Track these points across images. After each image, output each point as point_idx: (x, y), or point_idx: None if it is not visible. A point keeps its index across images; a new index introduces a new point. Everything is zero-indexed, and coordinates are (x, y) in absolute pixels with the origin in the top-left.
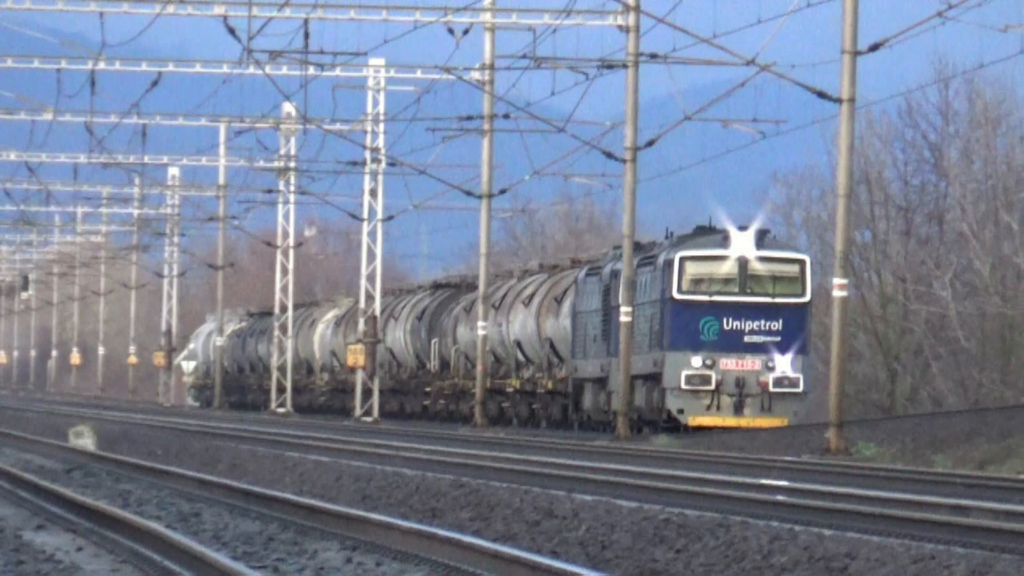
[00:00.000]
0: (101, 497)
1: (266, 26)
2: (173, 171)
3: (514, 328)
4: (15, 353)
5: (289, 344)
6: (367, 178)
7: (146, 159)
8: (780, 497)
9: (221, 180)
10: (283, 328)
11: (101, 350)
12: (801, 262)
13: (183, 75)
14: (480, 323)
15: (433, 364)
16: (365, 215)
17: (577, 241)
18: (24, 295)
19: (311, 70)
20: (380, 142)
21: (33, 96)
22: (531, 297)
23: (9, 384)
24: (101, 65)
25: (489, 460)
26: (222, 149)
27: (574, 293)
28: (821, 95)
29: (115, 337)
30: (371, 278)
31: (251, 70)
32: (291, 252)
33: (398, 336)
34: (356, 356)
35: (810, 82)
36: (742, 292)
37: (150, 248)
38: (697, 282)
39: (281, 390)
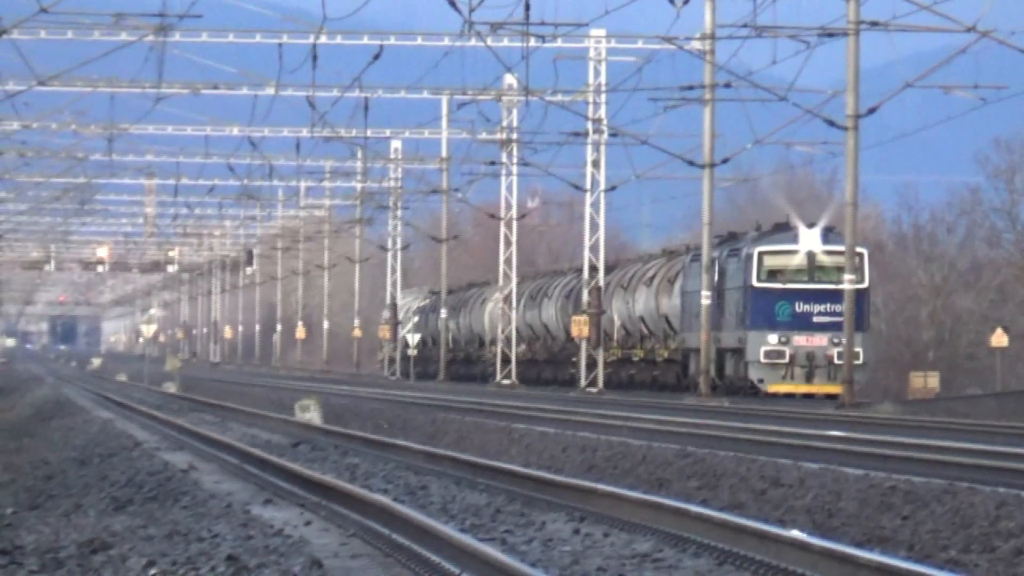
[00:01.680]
0: (328, 471)
1: None
2: (395, 144)
3: (638, 306)
4: (240, 328)
5: (514, 316)
6: (589, 149)
7: (368, 132)
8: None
9: (443, 152)
10: (508, 299)
11: (326, 324)
12: (860, 254)
13: (404, 48)
14: (703, 292)
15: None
16: (588, 186)
17: (799, 209)
18: (249, 270)
19: (532, 41)
20: (602, 112)
21: (255, 71)
22: (652, 279)
23: (235, 359)
24: (323, 39)
25: (714, 429)
26: (444, 121)
27: (683, 276)
28: None
29: (339, 311)
30: (594, 249)
31: (472, 42)
32: (514, 224)
33: (551, 313)
34: (580, 327)
35: None
36: (811, 280)
37: (373, 221)
38: (773, 272)
39: (506, 361)
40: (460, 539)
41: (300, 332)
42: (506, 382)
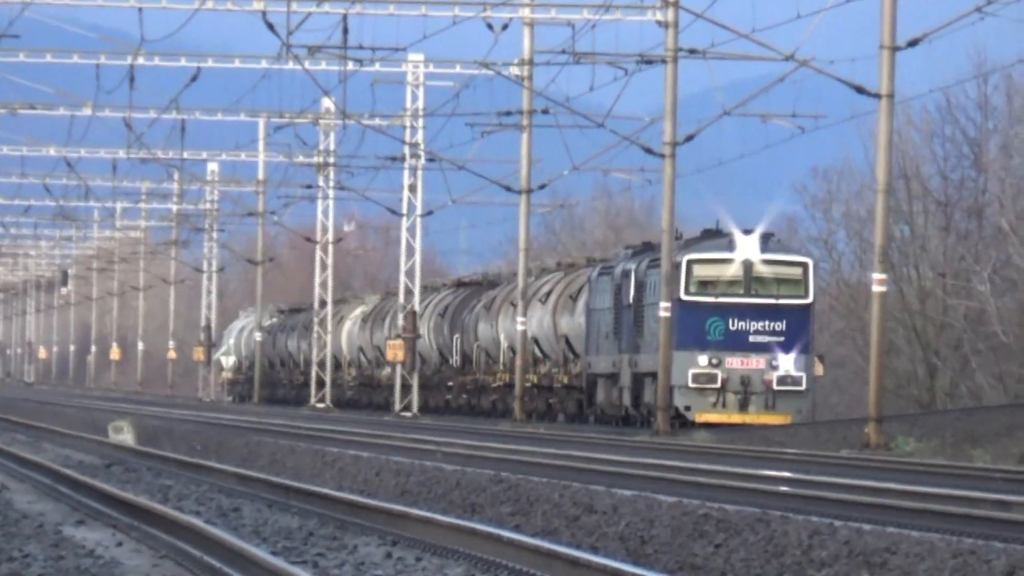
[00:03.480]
0: (141, 492)
1: (305, 21)
2: (212, 166)
3: (531, 325)
4: (54, 348)
5: (328, 340)
6: (406, 173)
7: (185, 154)
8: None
9: (260, 175)
10: (322, 323)
11: (140, 345)
12: (804, 264)
13: (222, 70)
14: (519, 319)
15: (455, 360)
16: (404, 210)
17: (616, 236)
18: (63, 290)
19: (350, 65)
20: (419, 137)
21: (72, 91)
22: (548, 295)
23: (49, 379)
24: (140, 60)
25: (528, 455)
26: (261, 144)
27: (588, 292)
28: (860, 90)
29: (154, 333)
30: (410, 273)
31: (290, 65)
32: (330, 247)
33: (422, 333)
34: (395, 351)
35: (849, 77)
36: (747, 293)
37: (189, 243)
38: (704, 284)
39: (320, 385)
40: (272, 562)
41: (115, 353)
42: (320, 405)
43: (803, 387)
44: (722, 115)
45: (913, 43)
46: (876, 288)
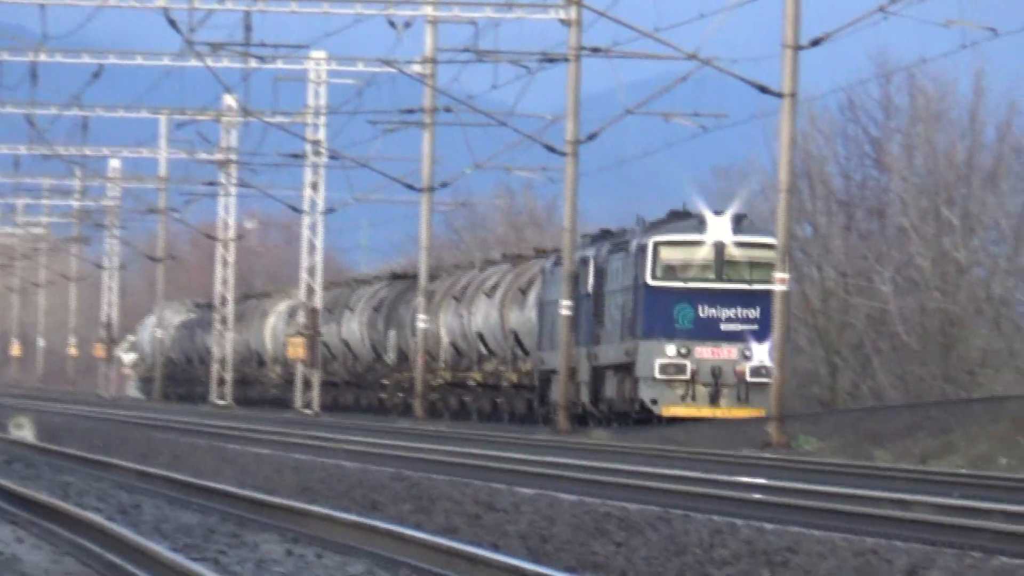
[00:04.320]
0: (41, 488)
1: (207, 19)
2: (114, 163)
3: (476, 320)
4: None
5: (229, 336)
6: (308, 171)
7: (87, 151)
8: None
9: (162, 172)
10: (223, 320)
11: (41, 342)
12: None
13: (124, 67)
14: (421, 316)
15: (390, 356)
16: (306, 208)
17: (518, 234)
18: None
19: (252, 63)
20: (321, 135)
21: None
22: (494, 288)
23: None
24: (42, 57)
25: (429, 453)
26: (163, 141)
27: (540, 283)
28: (763, 90)
29: (55, 329)
30: (311, 271)
31: (192, 62)
32: (231, 245)
33: (353, 328)
34: (296, 349)
35: (752, 76)
36: (718, 278)
37: (91, 240)
38: (672, 268)
39: (222, 382)
40: (172, 558)
41: (15, 349)
42: (221, 402)
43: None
44: (624, 114)
45: (816, 42)
46: (778, 288)
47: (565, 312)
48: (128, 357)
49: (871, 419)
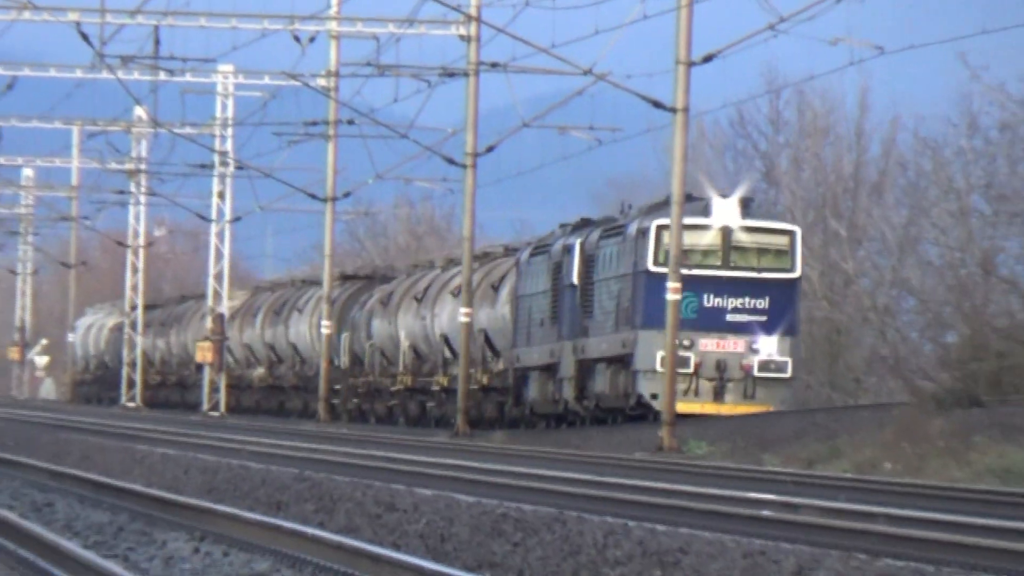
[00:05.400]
0: None
1: (118, 32)
2: (27, 172)
3: (441, 321)
4: None
5: (139, 340)
6: (215, 180)
7: (1, 160)
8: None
9: (74, 181)
10: (133, 325)
11: None
12: (791, 233)
13: (38, 79)
14: (324, 323)
15: (343, 360)
16: (213, 216)
17: (418, 243)
18: None
19: (161, 75)
20: (228, 146)
21: None
22: (461, 287)
23: None
24: None
25: (332, 455)
26: (75, 151)
27: (515, 277)
28: (656, 104)
29: None
30: (218, 277)
31: (104, 75)
32: (141, 252)
33: (302, 330)
34: (204, 353)
35: (645, 91)
36: (724, 266)
37: (4, 246)
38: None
39: (132, 384)
40: (84, 556)
41: None
42: (131, 404)
43: (788, 373)
44: (521, 127)
45: (707, 59)
46: (671, 296)
47: (464, 319)
48: (41, 360)
49: (760, 425)
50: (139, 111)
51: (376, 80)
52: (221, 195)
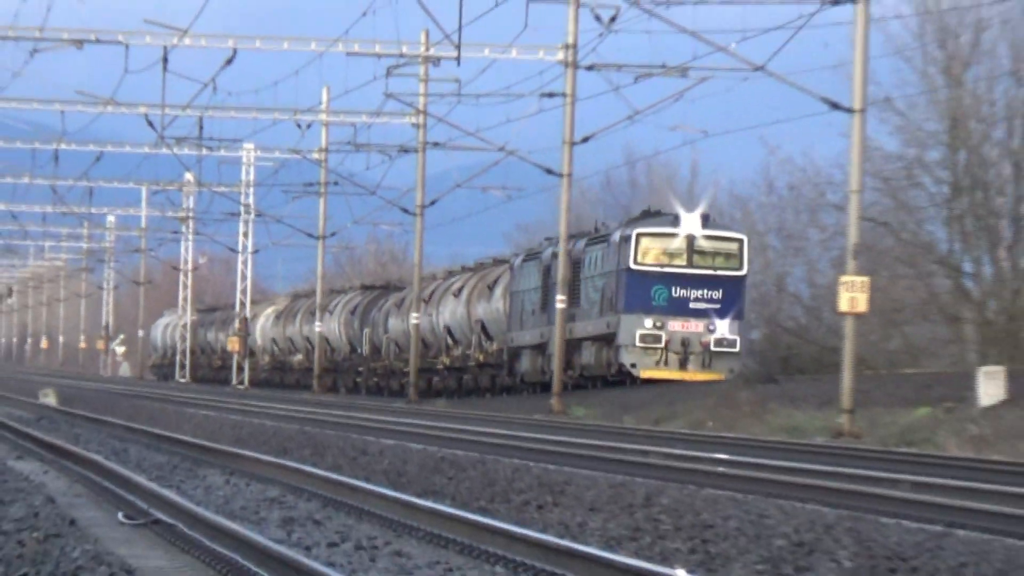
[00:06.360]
0: (60, 437)
1: (173, 121)
2: (111, 218)
3: (444, 316)
4: (2, 341)
5: (188, 336)
6: (241, 224)
7: (92, 210)
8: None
9: (143, 224)
10: (184, 326)
11: (61, 339)
12: (740, 240)
13: (118, 153)
14: (317, 323)
15: (364, 349)
16: (240, 249)
17: (383, 269)
18: (8, 301)
19: (204, 151)
20: (250, 200)
21: (10, 168)
22: (460, 289)
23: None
24: (63, 145)
25: (323, 416)
26: (144, 203)
27: (509, 277)
28: (549, 171)
29: (71, 330)
30: (243, 293)
31: (163, 150)
32: (190, 274)
33: (333, 327)
34: (233, 344)
35: (542, 162)
36: (689, 265)
37: (94, 270)
38: (649, 255)
39: (183, 367)
40: (149, 485)
41: (44, 344)
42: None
43: (736, 349)
44: (455, 187)
45: (585, 139)
46: (559, 305)
47: (414, 322)
48: (120, 349)
49: (623, 394)
50: (188, 176)
51: (354, 154)
52: (245, 234)
